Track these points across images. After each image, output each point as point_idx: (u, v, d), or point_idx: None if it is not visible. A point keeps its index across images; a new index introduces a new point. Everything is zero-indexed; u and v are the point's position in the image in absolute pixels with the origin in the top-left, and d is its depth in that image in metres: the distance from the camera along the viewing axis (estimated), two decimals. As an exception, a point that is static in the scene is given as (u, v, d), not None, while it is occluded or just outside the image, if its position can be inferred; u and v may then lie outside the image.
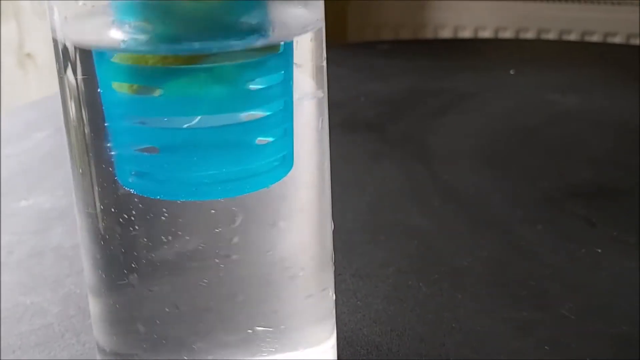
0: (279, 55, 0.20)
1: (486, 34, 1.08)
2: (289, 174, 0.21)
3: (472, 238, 0.36)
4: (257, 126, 0.20)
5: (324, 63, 0.22)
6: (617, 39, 1.02)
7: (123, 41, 0.18)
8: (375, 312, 0.29)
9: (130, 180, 0.19)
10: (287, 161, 0.21)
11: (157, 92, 0.19)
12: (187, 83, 0.19)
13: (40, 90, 1.48)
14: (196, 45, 0.18)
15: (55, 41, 0.19)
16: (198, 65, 0.19)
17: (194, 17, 0.19)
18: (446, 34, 1.11)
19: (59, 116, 0.60)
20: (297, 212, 0.22)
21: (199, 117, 0.19)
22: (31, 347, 0.27)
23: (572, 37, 1.03)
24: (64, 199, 0.42)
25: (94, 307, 0.22)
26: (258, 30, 0.19)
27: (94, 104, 0.19)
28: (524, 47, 0.91)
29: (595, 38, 1.02)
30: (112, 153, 0.19)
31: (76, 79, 0.19)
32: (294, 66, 0.20)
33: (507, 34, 1.07)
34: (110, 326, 0.21)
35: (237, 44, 0.19)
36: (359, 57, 0.80)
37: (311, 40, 0.20)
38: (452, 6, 1.10)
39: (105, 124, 0.19)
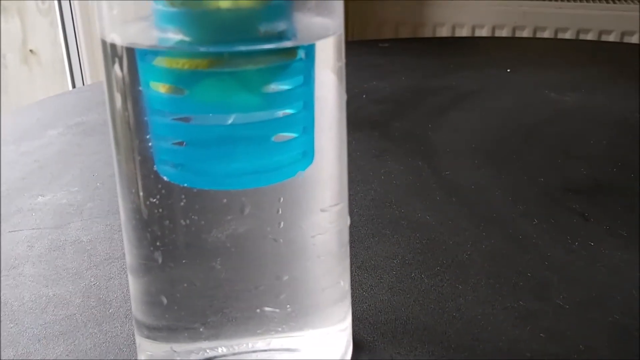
0: (300, 60, 0.21)
1: (483, 32, 1.10)
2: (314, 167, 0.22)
3: (473, 232, 0.37)
4: (278, 125, 0.21)
5: (344, 64, 0.23)
6: (612, 37, 1.03)
7: (160, 41, 0.20)
8: (380, 303, 0.31)
9: (166, 170, 0.21)
10: (307, 156, 0.23)
11: (186, 93, 0.21)
12: (214, 85, 0.21)
13: (45, 86, 1.49)
14: (223, 48, 0.20)
15: (103, 40, 0.21)
16: (223, 70, 0.20)
17: (223, 24, 0.20)
18: (444, 32, 1.13)
19: (70, 114, 0.63)
20: (316, 205, 0.23)
21: (229, 116, 0.21)
22: (55, 337, 0.29)
23: (568, 35, 1.05)
24: (79, 195, 0.43)
25: (132, 285, 0.23)
26: (282, 36, 0.21)
27: (137, 96, 0.21)
28: (522, 45, 0.93)
29: (590, 36, 1.04)
30: (151, 144, 0.21)
31: (122, 73, 0.20)
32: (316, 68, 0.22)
33: (503, 32, 1.09)
34: (142, 301, 0.23)
35: (261, 48, 0.20)
36: (360, 56, 0.81)
37: (332, 44, 0.22)
38: (451, 5, 1.12)
39: (145, 118, 0.21)
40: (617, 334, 0.28)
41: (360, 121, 0.58)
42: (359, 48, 0.88)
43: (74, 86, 1.39)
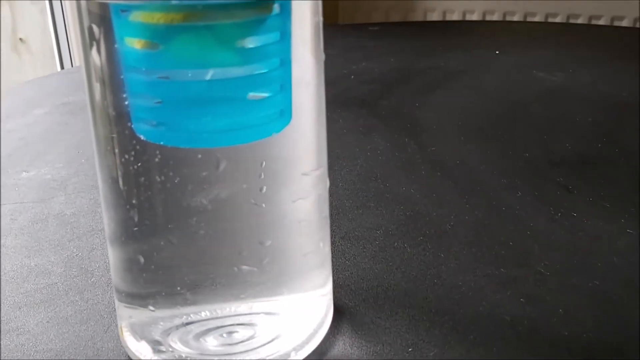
0: (275, 15, 0.21)
1: (474, 17, 1.10)
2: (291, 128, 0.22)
3: (456, 204, 0.38)
4: (254, 82, 0.21)
5: (320, 21, 0.23)
6: (602, 22, 1.03)
7: None
8: (362, 271, 0.31)
9: (141, 127, 0.21)
10: (284, 115, 0.23)
11: (161, 48, 0.20)
12: (189, 40, 0.21)
13: (35, 74, 1.48)
14: (198, 1, 0.20)
15: (80, 18, 0.20)
16: (198, 23, 0.20)
17: None
18: (435, 17, 1.13)
19: (57, 94, 0.62)
20: (296, 168, 0.23)
21: (205, 73, 0.21)
22: (36, 304, 0.29)
23: (558, 20, 1.05)
24: (63, 171, 0.43)
25: (110, 253, 0.23)
26: None
27: (112, 53, 0.20)
28: (511, 29, 0.93)
29: (580, 21, 1.04)
30: (127, 103, 0.21)
31: (97, 30, 0.20)
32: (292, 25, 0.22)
33: (494, 18, 1.09)
34: (121, 267, 0.23)
35: (236, 1, 0.20)
36: (349, 38, 0.81)
37: (309, 1, 0.22)
38: (442, -11, 1.12)
39: (121, 76, 0.21)
40: (597, 299, 0.29)
41: (348, 100, 0.57)
42: (349, 31, 0.88)
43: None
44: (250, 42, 0.21)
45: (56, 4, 1.39)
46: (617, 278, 0.30)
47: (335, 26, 0.97)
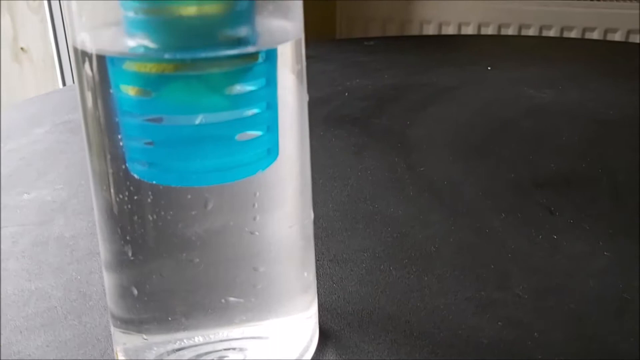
0: (261, 63, 0.23)
1: (469, 29, 1.11)
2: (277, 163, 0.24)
3: (442, 225, 0.39)
4: (242, 124, 0.23)
5: (304, 66, 0.25)
6: (595, 34, 1.05)
7: (130, 49, 0.21)
8: (348, 294, 0.32)
9: (136, 168, 0.22)
10: (271, 153, 0.24)
11: (154, 95, 0.22)
12: (180, 88, 0.22)
13: (36, 83, 1.50)
14: (188, 54, 0.21)
15: (74, 45, 0.22)
16: (188, 73, 0.22)
17: (187, 31, 0.22)
18: (431, 29, 1.14)
19: (57, 112, 0.64)
20: (284, 199, 0.25)
21: (195, 117, 0.22)
22: (37, 328, 0.30)
23: (552, 32, 1.07)
24: (63, 192, 0.44)
25: (106, 279, 0.25)
26: (244, 41, 0.22)
27: (107, 97, 0.22)
28: (505, 43, 0.94)
29: (574, 33, 1.05)
30: (122, 144, 0.22)
31: (92, 75, 0.22)
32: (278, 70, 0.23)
33: (489, 30, 1.10)
34: (115, 293, 0.24)
35: (224, 54, 0.21)
36: (346, 53, 0.83)
37: (292, 48, 0.23)
38: (437, 2, 1.13)
39: (116, 119, 0.22)
40: (571, 321, 0.30)
41: (342, 118, 0.59)
42: (345, 46, 0.90)
43: (64, 83, 1.40)
44: (238, 89, 0.22)
45: (56, 14, 1.41)
46: (592, 300, 0.31)
47: (333, 42, 0.99)
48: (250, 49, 0.22)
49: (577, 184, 0.44)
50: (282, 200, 0.25)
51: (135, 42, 0.21)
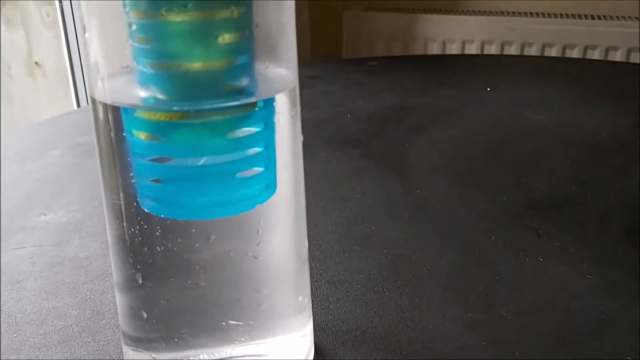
0: (259, 110, 0.25)
1: (473, 47, 1.14)
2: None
3: (435, 248, 0.41)
4: (242, 163, 0.25)
5: (299, 110, 0.27)
6: (597, 52, 1.07)
7: (141, 100, 0.24)
8: (344, 314, 0.35)
9: (146, 203, 0.25)
10: (270, 188, 0.26)
11: (163, 140, 0.24)
12: (186, 133, 0.25)
13: (50, 97, 1.54)
14: (194, 105, 0.24)
15: (92, 95, 0.24)
16: (194, 121, 0.24)
17: (193, 84, 0.24)
18: (435, 47, 1.16)
19: (72, 135, 0.67)
20: (282, 228, 0.27)
21: (200, 158, 0.25)
22: (54, 345, 0.33)
23: (554, 50, 1.09)
24: (78, 214, 0.47)
25: (118, 300, 0.27)
26: (244, 91, 0.25)
27: (121, 141, 0.24)
28: (506, 63, 0.96)
29: (575, 51, 1.07)
30: (133, 181, 0.25)
31: (108, 119, 0.24)
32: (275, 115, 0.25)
33: (492, 48, 1.12)
34: (126, 314, 0.27)
35: (227, 104, 0.24)
36: (349, 74, 0.85)
37: (288, 95, 0.26)
38: (441, 21, 1.16)
39: (129, 159, 0.25)
40: (551, 342, 0.32)
41: (343, 140, 0.61)
42: (348, 67, 0.92)
43: (77, 98, 1.43)
44: (239, 133, 0.25)
45: (70, 29, 1.45)
46: (572, 321, 0.33)
47: (337, 62, 1.01)
48: (250, 99, 0.24)
49: (566, 207, 0.46)
50: (280, 229, 0.27)
51: (146, 93, 0.24)
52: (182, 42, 0.23)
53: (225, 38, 0.23)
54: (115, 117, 0.24)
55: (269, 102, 0.25)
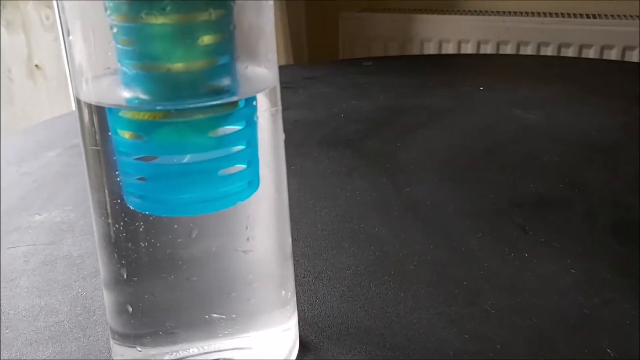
0: (242, 108, 0.26)
1: (469, 47, 1.14)
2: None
3: (422, 244, 0.42)
4: (225, 161, 0.26)
5: (279, 109, 0.28)
6: (592, 51, 1.07)
7: (126, 100, 0.24)
8: (330, 309, 0.35)
9: (131, 200, 0.26)
10: (252, 185, 0.27)
11: (146, 139, 0.25)
12: (169, 132, 0.25)
13: (50, 99, 1.55)
14: (177, 104, 0.24)
15: (77, 96, 0.25)
16: (177, 120, 0.25)
17: (176, 84, 0.25)
18: (431, 47, 1.17)
19: (68, 136, 0.68)
20: (264, 222, 0.28)
21: (184, 156, 0.25)
22: (45, 341, 0.33)
23: (550, 49, 1.09)
24: (72, 213, 0.48)
25: (105, 296, 0.28)
26: (226, 90, 0.25)
27: (106, 138, 0.25)
28: (501, 62, 0.97)
29: (571, 50, 1.08)
30: (118, 179, 0.25)
31: (92, 119, 0.25)
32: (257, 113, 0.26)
33: (488, 47, 1.13)
34: (113, 310, 0.27)
35: (209, 103, 0.25)
36: (344, 75, 0.86)
37: (268, 94, 0.26)
38: (437, 21, 1.16)
39: (114, 158, 0.25)
40: (532, 335, 0.33)
41: (335, 140, 0.62)
42: (344, 68, 0.93)
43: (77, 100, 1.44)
44: (221, 131, 0.25)
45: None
46: (554, 316, 0.34)
47: (333, 63, 1.02)
48: (231, 99, 0.25)
49: (552, 204, 0.47)
50: (264, 225, 0.28)
51: (130, 93, 0.24)
52: (163, 44, 0.24)
53: (205, 39, 0.24)
54: (99, 117, 0.25)
55: (250, 101, 0.26)
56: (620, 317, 0.34)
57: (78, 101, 0.25)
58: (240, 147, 0.26)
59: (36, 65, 1.55)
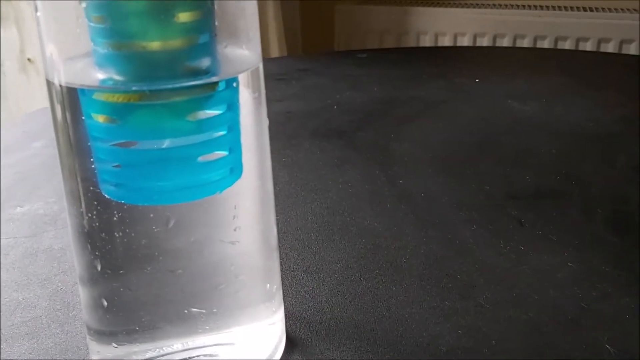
0: (223, 90, 0.24)
1: (465, 40, 1.13)
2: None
3: (414, 237, 0.40)
4: (205, 146, 0.25)
5: (263, 92, 0.26)
6: (589, 44, 1.06)
7: (99, 82, 0.23)
8: (319, 303, 0.34)
9: (107, 188, 0.24)
10: (235, 172, 0.26)
11: (121, 122, 0.24)
12: (145, 115, 0.24)
13: (43, 93, 1.53)
14: (153, 85, 0.23)
15: (47, 77, 0.24)
16: (154, 102, 0.23)
17: (152, 64, 0.23)
18: (427, 40, 1.16)
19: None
20: (248, 212, 0.26)
21: (162, 141, 0.24)
22: (21, 337, 0.32)
23: (546, 42, 1.08)
24: (55, 205, 0.46)
25: (80, 292, 0.27)
26: (205, 71, 0.24)
27: (78, 122, 0.23)
28: (497, 55, 0.96)
29: (568, 43, 1.07)
30: (93, 167, 0.24)
31: (64, 102, 0.23)
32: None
33: (484, 40, 1.12)
34: (87, 305, 0.26)
35: (187, 84, 0.23)
36: (339, 67, 0.85)
37: (251, 75, 0.25)
38: (433, 14, 1.15)
39: (88, 144, 0.24)
40: (528, 330, 0.31)
41: (328, 132, 0.61)
42: (339, 59, 0.92)
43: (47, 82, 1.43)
44: (201, 114, 0.24)
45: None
46: (550, 311, 0.33)
47: (328, 55, 1.01)
48: (211, 79, 0.24)
49: (549, 196, 0.46)
50: (248, 215, 0.27)
51: (104, 74, 0.23)
52: (138, 21, 0.22)
53: (182, 17, 0.23)
54: (70, 100, 0.24)
55: (231, 83, 0.24)
56: (619, 311, 0.32)
57: (48, 83, 0.24)
58: (221, 132, 0.25)
59: (29, 59, 1.53)
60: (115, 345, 0.26)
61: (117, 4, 0.22)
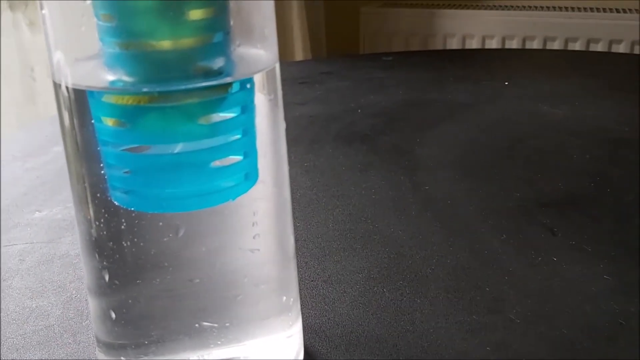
0: (237, 92, 0.23)
1: (493, 42, 1.11)
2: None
3: (440, 246, 0.39)
4: (219, 151, 0.23)
5: (279, 93, 0.25)
6: (622, 46, 1.03)
7: (109, 83, 0.22)
8: (339, 316, 0.32)
9: (116, 195, 0.23)
10: (250, 178, 0.24)
11: (130, 126, 0.22)
12: (156, 118, 0.23)
13: (48, 99, 1.55)
14: (164, 87, 0.22)
15: (54, 79, 0.23)
16: (164, 104, 0.22)
17: (163, 64, 0.22)
18: (455, 43, 1.13)
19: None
20: (263, 221, 0.25)
21: (173, 146, 0.23)
22: (33, 346, 0.31)
23: (578, 44, 1.05)
24: (73, 211, 0.46)
25: (89, 302, 0.25)
26: (219, 72, 0.23)
27: (86, 126, 0.22)
28: (526, 57, 0.93)
29: (600, 45, 1.04)
30: (102, 172, 0.23)
31: (71, 104, 0.22)
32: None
33: (514, 43, 1.09)
34: (96, 316, 0.25)
35: (199, 85, 0.22)
36: (363, 70, 0.83)
37: (266, 76, 0.24)
38: (461, 16, 1.13)
39: (97, 148, 0.23)
40: (562, 348, 0.29)
41: (351, 136, 0.59)
42: (363, 62, 0.90)
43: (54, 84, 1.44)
44: (214, 117, 0.23)
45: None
46: (585, 326, 0.31)
47: (351, 58, 0.99)
48: (224, 80, 0.22)
49: (582, 204, 0.44)
50: (263, 223, 0.25)
51: (113, 76, 0.22)
52: (147, 19, 0.21)
53: (193, 14, 0.21)
54: (78, 103, 0.22)
55: (245, 84, 0.23)
56: (660, 328, 0.30)
57: (55, 85, 0.23)
58: (236, 136, 0.24)
59: (31, 68, 1.55)
60: (124, 359, 0.24)
61: (125, 1, 0.21)
